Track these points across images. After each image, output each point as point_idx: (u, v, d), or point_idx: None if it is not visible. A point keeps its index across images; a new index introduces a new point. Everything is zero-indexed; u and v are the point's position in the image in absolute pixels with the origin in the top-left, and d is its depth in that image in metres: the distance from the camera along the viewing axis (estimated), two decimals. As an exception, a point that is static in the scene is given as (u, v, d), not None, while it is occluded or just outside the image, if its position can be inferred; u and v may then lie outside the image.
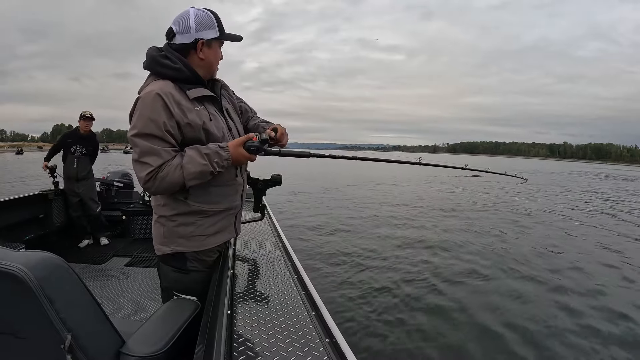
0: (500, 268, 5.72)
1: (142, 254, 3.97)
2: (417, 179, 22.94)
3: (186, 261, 1.40)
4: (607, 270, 5.90)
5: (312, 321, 1.12)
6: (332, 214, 9.88)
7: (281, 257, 1.75)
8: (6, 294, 0.84)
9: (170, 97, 1.24)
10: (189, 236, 1.38)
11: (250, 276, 1.50)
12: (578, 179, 31.00)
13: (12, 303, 0.86)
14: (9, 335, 0.88)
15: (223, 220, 1.44)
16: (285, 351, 0.95)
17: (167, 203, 1.37)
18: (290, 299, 1.28)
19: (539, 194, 17.43)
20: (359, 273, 5.25)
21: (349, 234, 7.69)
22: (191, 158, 1.25)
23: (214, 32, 1.35)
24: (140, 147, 1.22)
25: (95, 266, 3.70)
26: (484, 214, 10.70)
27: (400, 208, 11.44)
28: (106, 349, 0.92)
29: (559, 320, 3.99)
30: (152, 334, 1.03)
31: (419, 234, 7.88)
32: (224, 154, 1.28)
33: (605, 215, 11.49)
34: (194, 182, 1.27)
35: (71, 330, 0.82)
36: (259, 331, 1.04)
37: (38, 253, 0.88)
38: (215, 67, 1.42)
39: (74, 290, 0.89)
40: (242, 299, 1.25)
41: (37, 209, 3.94)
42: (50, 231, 4.05)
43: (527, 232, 8.49)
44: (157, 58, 1.32)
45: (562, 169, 49.71)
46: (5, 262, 0.81)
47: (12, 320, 0.88)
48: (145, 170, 1.22)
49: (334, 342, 1.03)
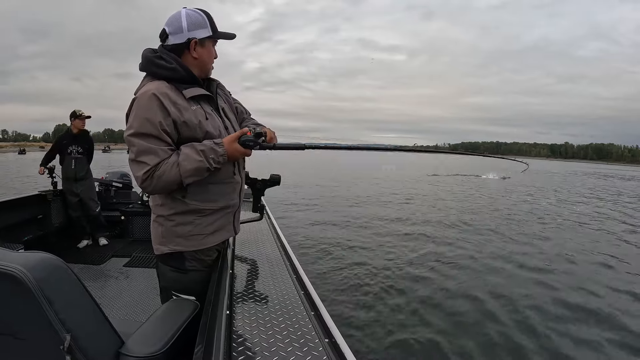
0: (501, 266, 5.75)
1: (141, 254, 3.96)
2: (423, 180, 22.97)
3: (185, 261, 1.40)
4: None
5: (312, 321, 1.13)
6: (331, 214, 9.88)
7: (280, 257, 1.75)
8: (5, 294, 0.84)
9: (166, 97, 1.25)
10: (188, 235, 1.38)
11: (249, 276, 1.50)
12: (571, 179, 30.98)
13: (11, 304, 0.86)
14: (8, 336, 0.88)
15: (221, 219, 1.45)
16: (284, 351, 0.95)
17: (165, 202, 1.38)
18: (289, 299, 1.28)
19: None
20: (358, 273, 5.25)
21: (349, 234, 7.69)
22: (187, 155, 1.26)
23: (206, 31, 1.36)
24: (137, 146, 1.23)
25: (94, 267, 3.70)
26: (480, 213, 10.72)
27: (399, 207, 11.44)
28: (105, 349, 0.92)
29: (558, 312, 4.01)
30: (151, 335, 1.03)
31: (420, 233, 7.88)
32: (220, 150, 1.29)
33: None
34: (191, 179, 1.27)
35: (70, 331, 0.82)
36: (258, 331, 1.04)
37: (37, 254, 0.88)
38: (210, 65, 1.44)
39: (73, 290, 0.89)
40: (241, 299, 1.25)
41: (36, 210, 3.93)
42: (49, 232, 4.04)
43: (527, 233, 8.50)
44: (152, 59, 1.33)
45: (562, 169, 49.40)
46: (4, 262, 0.81)
47: (12, 321, 0.88)
48: (142, 170, 1.23)
49: (333, 342, 1.03)
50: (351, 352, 1.02)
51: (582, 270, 5.82)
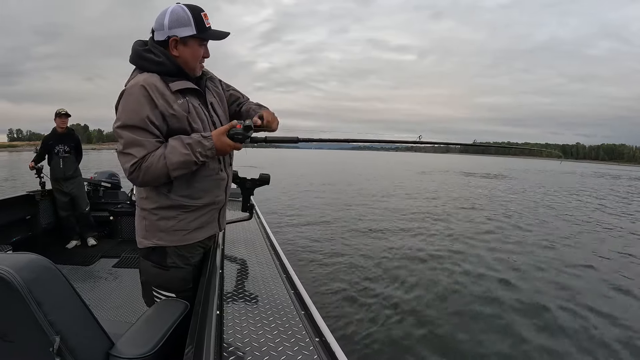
0: (488, 265, 5.82)
1: (130, 254, 3.93)
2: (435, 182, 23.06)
3: (166, 257, 1.39)
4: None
5: (302, 320, 1.13)
6: (321, 212, 9.90)
7: (270, 257, 1.76)
8: None
9: (154, 89, 1.25)
10: (170, 230, 1.37)
11: (239, 276, 1.51)
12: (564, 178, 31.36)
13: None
14: None
15: (205, 216, 1.44)
16: (275, 351, 0.96)
17: (150, 196, 1.37)
18: (279, 298, 1.29)
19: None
20: (348, 272, 5.27)
21: (338, 233, 7.70)
22: (173, 148, 1.25)
23: (189, 29, 1.30)
24: (125, 138, 1.24)
25: (83, 267, 3.66)
26: (469, 211, 10.84)
27: (391, 206, 11.49)
28: (95, 351, 0.92)
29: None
30: (141, 336, 1.03)
31: (410, 232, 7.94)
32: (207, 144, 1.28)
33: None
34: (178, 172, 1.27)
35: (60, 332, 0.82)
36: (248, 331, 1.05)
37: (25, 255, 0.87)
38: (193, 65, 1.37)
39: (62, 292, 0.89)
40: (232, 299, 1.26)
41: (24, 210, 3.87)
42: (37, 232, 3.99)
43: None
44: (141, 52, 1.33)
45: (559, 169, 49.25)
46: None
47: (0, 323, 0.87)
48: (130, 161, 1.23)
49: (323, 340, 1.04)
50: (342, 351, 1.02)
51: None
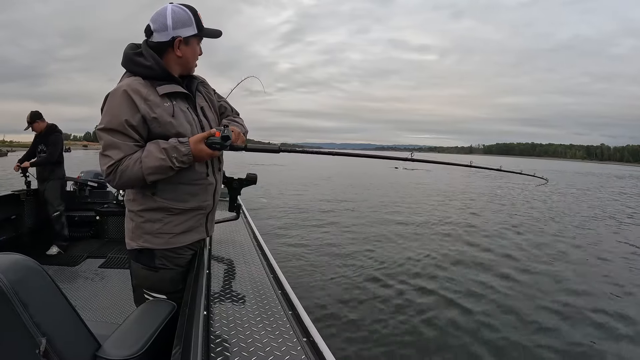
0: (479, 262, 5.90)
1: (117, 254, 3.88)
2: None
3: (154, 258, 1.39)
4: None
5: (289, 320, 1.14)
6: (308, 212, 9.93)
7: (257, 257, 1.76)
8: None
9: (137, 93, 1.26)
10: (155, 233, 1.37)
11: (226, 276, 1.51)
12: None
13: None
14: None
15: (191, 220, 1.42)
16: (262, 351, 0.97)
17: (136, 198, 1.38)
18: (266, 298, 1.29)
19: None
20: (335, 272, 5.30)
21: (325, 233, 7.74)
22: (150, 152, 1.25)
23: (191, 29, 1.35)
24: (104, 140, 1.26)
25: (69, 268, 3.61)
26: (459, 210, 10.96)
27: (380, 205, 11.56)
28: (82, 352, 0.91)
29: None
30: (128, 337, 1.03)
31: (398, 232, 8.00)
32: (183, 149, 1.27)
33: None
34: (154, 177, 1.27)
35: (46, 334, 0.82)
36: (236, 331, 1.06)
37: (10, 255, 0.87)
38: (193, 63, 1.43)
39: (48, 293, 0.89)
40: (219, 300, 1.26)
41: (9, 210, 3.80)
42: (22, 232, 3.92)
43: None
44: (131, 56, 1.33)
45: (565, 169, 48.32)
46: None
47: None
48: (107, 163, 1.25)
49: (311, 340, 1.05)
50: (329, 351, 1.04)
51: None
